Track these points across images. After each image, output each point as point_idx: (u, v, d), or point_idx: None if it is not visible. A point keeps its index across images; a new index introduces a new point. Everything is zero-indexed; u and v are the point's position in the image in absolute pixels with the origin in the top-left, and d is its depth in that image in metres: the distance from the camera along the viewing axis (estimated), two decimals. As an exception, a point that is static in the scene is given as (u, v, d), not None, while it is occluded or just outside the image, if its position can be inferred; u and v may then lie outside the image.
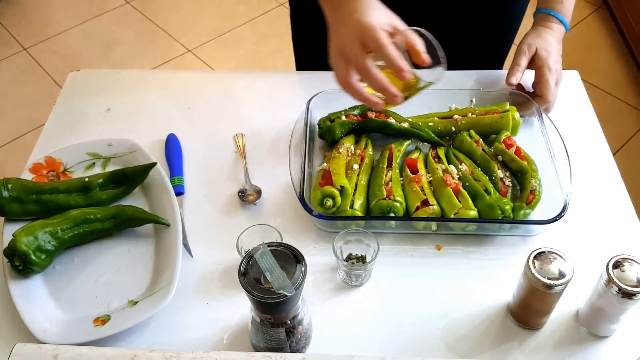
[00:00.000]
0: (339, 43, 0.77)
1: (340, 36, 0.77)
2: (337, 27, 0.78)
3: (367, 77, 0.76)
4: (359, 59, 0.75)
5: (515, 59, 1.04)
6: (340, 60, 0.77)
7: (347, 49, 0.76)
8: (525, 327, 0.78)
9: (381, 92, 0.76)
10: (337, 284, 0.83)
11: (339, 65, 0.77)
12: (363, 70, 0.75)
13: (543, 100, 1.00)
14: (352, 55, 0.75)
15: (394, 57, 0.74)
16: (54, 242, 0.82)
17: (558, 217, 0.83)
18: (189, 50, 2.69)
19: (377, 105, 0.78)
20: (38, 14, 2.89)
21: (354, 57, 0.75)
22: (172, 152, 1.00)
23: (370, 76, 0.75)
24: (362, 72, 0.76)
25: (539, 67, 1.01)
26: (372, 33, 0.74)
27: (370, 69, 0.75)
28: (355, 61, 0.75)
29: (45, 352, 0.68)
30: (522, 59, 1.03)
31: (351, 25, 0.76)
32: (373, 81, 0.76)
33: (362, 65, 0.75)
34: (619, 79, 2.50)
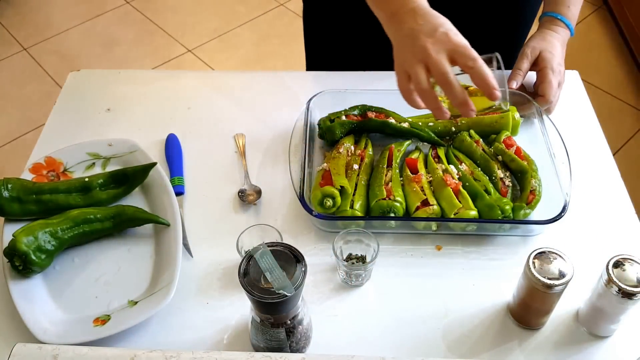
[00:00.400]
0: (421, 51, 0.75)
1: (423, 45, 0.74)
2: (415, 34, 0.76)
3: (450, 89, 0.74)
4: (445, 69, 0.73)
5: (518, 63, 1.04)
6: (419, 68, 0.74)
7: (432, 59, 0.73)
8: (525, 327, 0.78)
9: (460, 106, 0.75)
10: (337, 284, 0.83)
11: (417, 72, 0.75)
12: (447, 82, 0.73)
13: (545, 101, 1.00)
14: (438, 65, 0.73)
15: (488, 73, 0.73)
16: (54, 242, 0.82)
17: (558, 217, 0.83)
18: (189, 50, 2.69)
19: (445, 115, 0.76)
20: (38, 14, 2.89)
21: (440, 67, 0.73)
22: (172, 152, 1.00)
23: (454, 88, 0.73)
24: (446, 84, 0.74)
25: (542, 68, 1.01)
26: (465, 50, 0.74)
27: (455, 81, 0.73)
28: (440, 71, 0.73)
29: (45, 352, 0.68)
30: (524, 63, 1.03)
31: (437, 37, 0.74)
32: (456, 94, 0.74)
33: (447, 77, 0.73)
34: (619, 79, 2.50)
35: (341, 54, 1.22)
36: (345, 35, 1.18)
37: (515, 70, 1.04)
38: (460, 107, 0.74)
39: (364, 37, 1.14)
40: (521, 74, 1.03)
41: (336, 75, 1.13)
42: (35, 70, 2.58)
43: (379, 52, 1.18)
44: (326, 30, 1.21)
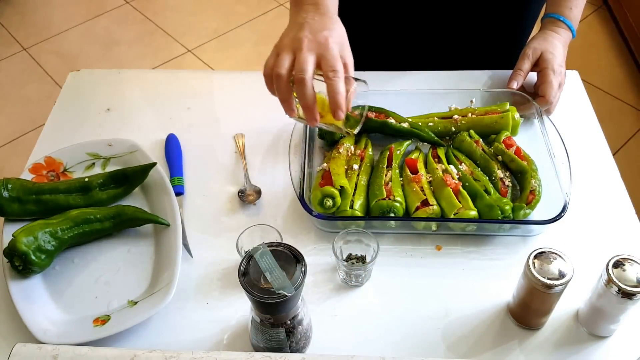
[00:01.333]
0: (296, 42, 0.75)
1: (301, 38, 0.75)
2: (302, 26, 0.77)
3: (301, 88, 0.73)
4: (305, 67, 0.73)
5: (519, 63, 1.04)
6: (287, 55, 0.75)
7: (301, 54, 0.74)
8: (525, 327, 0.78)
9: (305, 109, 0.75)
10: (337, 284, 0.83)
11: (283, 58, 0.75)
12: (302, 80, 0.73)
13: (545, 102, 1.00)
14: (301, 61, 0.73)
15: (341, 92, 0.72)
16: (53, 242, 0.82)
17: (558, 217, 0.83)
18: (189, 50, 2.69)
19: (292, 113, 0.77)
20: (38, 14, 2.89)
21: (302, 63, 0.73)
22: (172, 152, 1.00)
23: (306, 89, 0.73)
24: (299, 82, 0.73)
25: (543, 68, 1.01)
26: (334, 60, 0.74)
27: (309, 84, 0.73)
28: (299, 67, 0.73)
29: (45, 352, 0.68)
30: (525, 64, 1.03)
31: (317, 37, 0.75)
32: (305, 95, 0.73)
33: (303, 75, 0.73)
34: (619, 79, 2.50)
35: None
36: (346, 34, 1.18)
37: (516, 71, 1.04)
38: (305, 110, 0.75)
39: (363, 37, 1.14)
40: (522, 74, 1.03)
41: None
42: (35, 70, 2.58)
43: (379, 52, 1.18)
44: None
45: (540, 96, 1.00)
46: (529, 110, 1.01)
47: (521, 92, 1.02)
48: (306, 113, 0.75)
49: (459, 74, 1.13)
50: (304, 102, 0.74)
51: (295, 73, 0.74)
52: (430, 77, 1.12)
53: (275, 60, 0.76)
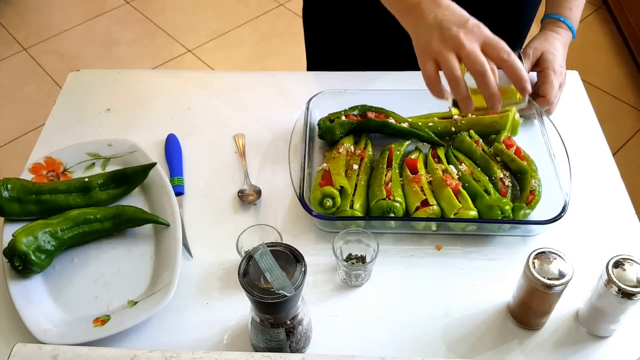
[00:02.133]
0: (453, 39, 0.73)
1: (455, 35, 0.73)
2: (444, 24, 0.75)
3: (486, 80, 0.72)
4: (482, 59, 0.72)
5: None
6: (451, 55, 0.73)
7: (466, 49, 0.72)
8: (525, 327, 0.78)
9: (491, 97, 0.74)
10: (337, 284, 0.83)
11: (450, 59, 0.73)
12: (483, 73, 0.72)
13: (545, 102, 1.00)
14: (473, 55, 0.72)
15: (521, 68, 0.72)
16: (53, 243, 0.82)
17: (558, 217, 0.83)
18: (189, 50, 2.69)
19: (472, 106, 0.76)
20: (38, 14, 2.89)
21: (476, 57, 0.72)
22: (172, 152, 1.00)
23: (489, 79, 0.72)
24: (481, 74, 0.72)
25: (544, 69, 1.01)
26: (499, 43, 0.73)
27: (490, 73, 0.72)
28: (477, 61, 0.72)
29: (45, 352, 0.68)
30: (525, 64, 1.02)
31: (469, 28, 0.74)
32: (490, 84, 0.72)
33: (484, 67, 0.72)
34: (619, 79, 2.50)
35: (341, 54, 1.22)
36: (345, 35, 1.18)
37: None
38: (490, 98, 0.74)
39: (364, 37, 1.15)
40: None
41: (336, 75, 1.13)
42: (35, 70, 2.58)
43: (379, 52, 1.18)
44: (326, 30, 1.21)
45: (541, 96, 1.00)
46: (529, 110, 1.01)
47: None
48: (491, 101, 0.74)
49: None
50: (489, 92, 0.73)
51: (474, 68, 0.73)
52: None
53: (436, 65, 0.75)
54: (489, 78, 0.73)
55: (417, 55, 0.77)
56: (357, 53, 1.18)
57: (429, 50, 0.75)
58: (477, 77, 0.73)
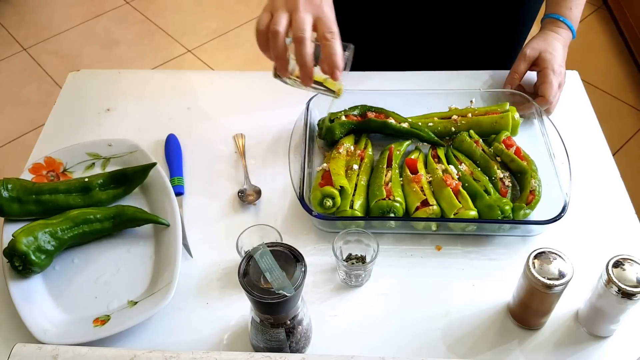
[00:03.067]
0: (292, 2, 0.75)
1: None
2: None
3: (301, 47, 0.74)
4: (305, 27, 0.73)
5: (515, 65, 1.04)
6: (284, 14, 0.74)
7: (298, 15, 0.74)
8: (525, 327, 0.78)
9: (302, 67, 0.75)
10: (337, 284, 0.83)
11: (280, 16, 0.74)
12: (302, 40, 0.73)
13: (545, 102, 1.00)
14: (300, 22, 0.73)
15: (339, 52, 0.74)
16: (53, 243, 0.82)
17: (558, 217, 0.83)
18: (189, 50, 2.69)
19: (285, 73, 0.77)
20: (38, 14, 2.89)
21: (301, 23, 0.73)
22: (172, 152, 1.00)
23: (305, 49, 0.73)
24: (300, 41, 0.73)
25: (543, 68, 1.01)
26: (330, 22, 0.75)
27: (309, 42, 0.73)
28: (300, 27, 0.73)
29: (44, 352, 0.68)
30: (521, 65, 1.03)
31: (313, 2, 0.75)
32: (304, 54, 0.74)
33: (303, 35, 0.73)
34: (619, 79, 2.50)
35: None
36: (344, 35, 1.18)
37: (512, 74, 1.04)
38: (302, 69, 0.75)
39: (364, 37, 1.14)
40: (517, 77, 1.04)
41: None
42: (35, 70, 2.58)
43: (379, 52, 1.18)
44: None
45: (540, 96, 1.00)
46: (528, 110, 1.01)
47: (521, 92, 1.02)
48: (303, 71, 0.75)
49: (459, 74, 1.13)
50: (302, 61, 0.74)
51: (295, 32, 0.74)
52: (430, 77, 1.12)
53: (270, 19, 0.76)
54: (305, 48, 0.73)
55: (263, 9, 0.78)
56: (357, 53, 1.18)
57: (270, 4, 0.77)
58: (295, 43, 0.74)
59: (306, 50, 0.74)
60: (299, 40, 0.74)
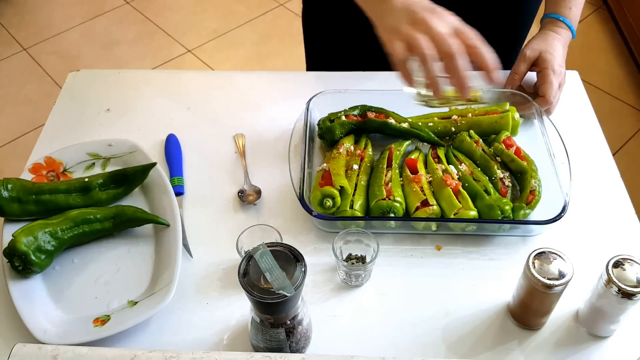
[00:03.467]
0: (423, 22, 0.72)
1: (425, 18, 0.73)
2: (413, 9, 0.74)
3: (455, 63, 0.72)
4: (451, 41, 0.71)
5: (515, 66, 1.04)
6: (422, 36, 0.72)
7: (436, 32, 0.71)
8: (525, 327, 0.78)
9: (459, 81, 0.73)
10: (337, 284, 0.83)
11: (421, 39, 0.72)
12: (453, 56, 0.71)
13: (545, 102, 1.00)
14: (444, 38, 0.71)
15: (490, 56, 0.72)
16: (53, 243, 0.82)
17: (558, 217, 0.83)
18: (189, 50, 2.69)
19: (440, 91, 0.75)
20: (38, 14, 2.89)
21: (446, 39, 0.71)
22: (171, 152, 1.00)
23: (458, 63, 0.71)
24: (451, 57, 0.71)
25: (543, 68, 1.01)
26: (468, 28, 0.72)
27: (459, 54, 0.71)
28: (446, 43, 0.71)
29: (44, 352, 0.68)
30: (521, 66, 1.03)
31: (438, 13, 0.73)
32: (458, 68, 0.71)
33: (453, 50, 0.71)
34: (619, 79, 2.50)
35: (341, 54, 1.21)
36: (344, 35, 1.18)
37: (512, 74, 1.04)
38: (459, 81, 0.73)
39: (363, 37, 1.14)
40: (517, 77, 1.03)
41: (336, 75, 1.13)
42: (35, 70, 2.58)
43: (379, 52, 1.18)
44: (325, 30, 1.21)
45: (541, 96, 1.00)
46: (528, 110, 1.01)
47: (521, 92, 1.02)
48: (461, 84, 0.73)
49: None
50: (458, 75, 0.72)
51: (444, 51, 0.71)
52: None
53: (408, 45, 0.73)
54: (457, 61, 0.72)
55: (385, 39, 0.76)
56: (357, 53, 1.18)
57: (398, 33, 0.74)
58: (446, 59, 0.72)
59: (460, 64, 0.72)
60: (450, 56, 0.72)
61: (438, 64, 0.74)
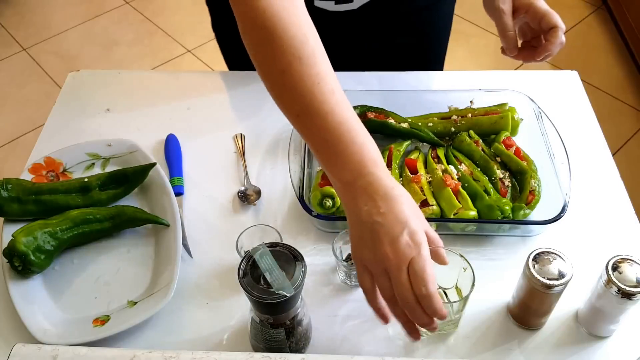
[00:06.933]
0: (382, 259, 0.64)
1: (385, 253, 0.63)
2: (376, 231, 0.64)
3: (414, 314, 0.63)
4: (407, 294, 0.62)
5: (501, 27, 0.91)
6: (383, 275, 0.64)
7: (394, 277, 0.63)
8: (524, 327, 0.78)
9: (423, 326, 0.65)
10: (337, 284, 0.83)
11: (383, 281, 0.64)
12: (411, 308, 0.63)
13: (558, 30, 0.86)
14: (400, 288, 0.63)
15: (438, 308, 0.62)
16: (53, 243, 0.82)
17: (557, 217, 0.83)
18: (189, 50, 2.69)
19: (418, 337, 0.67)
20: (37, 14, 2.89)
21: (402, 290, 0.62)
22: (171, 152, 1.00)
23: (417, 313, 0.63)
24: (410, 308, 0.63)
25: (528, 5, 0.88)
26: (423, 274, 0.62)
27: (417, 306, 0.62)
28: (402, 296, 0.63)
29: (44, 352, 0.68)
30: (506, 21, 0.89)
31: (399, 246, 0.63)
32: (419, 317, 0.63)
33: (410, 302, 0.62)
34: (618, 79, 2.50)
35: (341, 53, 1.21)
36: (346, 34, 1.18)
37: (505, 36, 0.91)
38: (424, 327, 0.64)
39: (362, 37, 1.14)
40: (513, 35, 0.90)
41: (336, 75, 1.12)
42: (35, 71, 2.58)
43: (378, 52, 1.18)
44: None
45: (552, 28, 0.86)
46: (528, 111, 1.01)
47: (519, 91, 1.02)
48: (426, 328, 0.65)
49: (458, 74, 1.13)
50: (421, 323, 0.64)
51: (401, 303, 0.63)
52: (430, 77, 1.12)
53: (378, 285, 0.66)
54: (416, 312, 0.63)
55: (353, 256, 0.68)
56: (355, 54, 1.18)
57: (360, 258, 0.67)
58: (407, 311, 0.64)
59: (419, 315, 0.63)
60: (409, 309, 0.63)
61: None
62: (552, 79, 1.13)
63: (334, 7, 1.01)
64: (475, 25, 2.60)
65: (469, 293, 0.72)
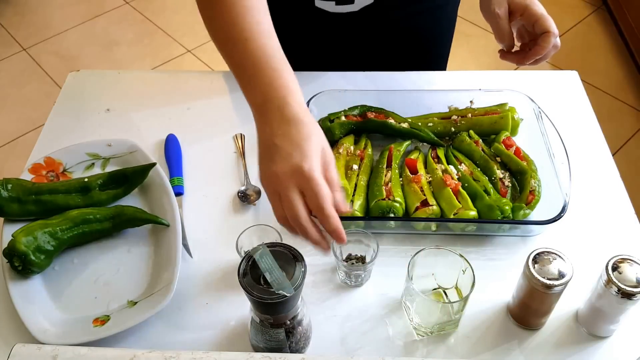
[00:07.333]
0: (274, 180, 0.66)
1: (275, 173, 0.66)
2: (272, 152, 0.67)
3: (306, 233, 0.66)
4: (297, 212, 0.65)
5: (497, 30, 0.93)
6: (276, 200, 0.67)
7: (284, 196, 0.65)
8: (524, 327, 0.78)
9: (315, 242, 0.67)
10: (336, 284, 0.83)
11: (275, 204, 0.67)
12: (301, 227, 0.66)
13: (552, 35, 0.87)
14: (291, 207, 0.65)
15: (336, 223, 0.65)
16: (53, 243, 0.82)
17: (557, 217, 0.83)
18: (189, 50, 2.69)
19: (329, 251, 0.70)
20: (37, 14, 2.89)
21: (293, 209, 0.65)
22: (171, 152, 1.00)
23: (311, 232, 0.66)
24: (300, 228, 0.66)
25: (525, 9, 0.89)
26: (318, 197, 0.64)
27: (309, 225, 0.66)
28: (292, 215, 0.65)
29: (44, 352, 0.68)
30: (502, 24, 0.91)
31: (290, 166, 0.65)
32: (312, 235, 0.66)
33: (300, 221, 0.65)
34: (618, 79, 2.50)
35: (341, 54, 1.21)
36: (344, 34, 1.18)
37: (501, 37, 0.93)
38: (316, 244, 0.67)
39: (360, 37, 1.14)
40: (507, 36, 0.92)
41: (336, 75, 1.13)
42: (35, 71, 2.58)
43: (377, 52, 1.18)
44: None
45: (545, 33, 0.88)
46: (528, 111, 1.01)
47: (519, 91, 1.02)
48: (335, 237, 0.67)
49: (459, 74, 1.13)
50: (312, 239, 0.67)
51: (292, 222, 0.66)
52: (430, 77, 1.12)
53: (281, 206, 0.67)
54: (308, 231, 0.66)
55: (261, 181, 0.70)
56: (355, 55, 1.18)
57: (262, 180, 0.69)
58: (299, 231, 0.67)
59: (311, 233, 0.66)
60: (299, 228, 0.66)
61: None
62: (552, 79, 1.13)
63: (334, 8, 1.02)
64: (476, 26, 2.60)
65: (469, 293, 0.72)
